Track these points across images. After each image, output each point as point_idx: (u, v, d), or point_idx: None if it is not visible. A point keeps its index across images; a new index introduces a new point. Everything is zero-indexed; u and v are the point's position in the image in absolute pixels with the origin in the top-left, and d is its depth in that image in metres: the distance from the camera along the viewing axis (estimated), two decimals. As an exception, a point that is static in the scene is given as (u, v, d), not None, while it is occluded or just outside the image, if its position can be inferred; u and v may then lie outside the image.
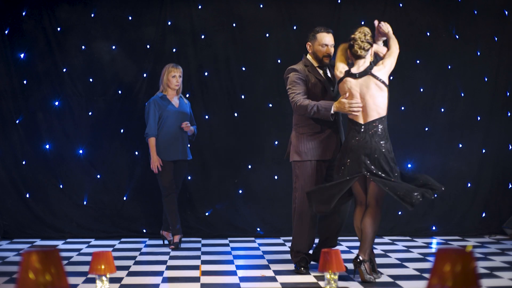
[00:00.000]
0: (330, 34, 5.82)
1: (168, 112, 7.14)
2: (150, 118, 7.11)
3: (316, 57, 5.81)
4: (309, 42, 5.85)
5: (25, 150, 7.93)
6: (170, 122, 7.12)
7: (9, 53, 7.86)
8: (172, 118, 7.14)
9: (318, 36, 5.78)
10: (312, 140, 5.69)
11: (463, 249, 2.16)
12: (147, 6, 8.04)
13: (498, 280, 5.47)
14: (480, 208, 8.19)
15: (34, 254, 2.23)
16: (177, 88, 7.22)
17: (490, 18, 8.21)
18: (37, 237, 7.86)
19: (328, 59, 5.79)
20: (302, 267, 5.74)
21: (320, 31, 5.80)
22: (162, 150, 7.12)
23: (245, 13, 8.12)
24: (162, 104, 7.15)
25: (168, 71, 7.17)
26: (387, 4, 8.16)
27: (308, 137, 5.71)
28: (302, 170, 5.71)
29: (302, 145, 5.72)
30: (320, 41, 5.77)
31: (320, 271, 3.53)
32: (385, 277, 5.55)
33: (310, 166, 5.69)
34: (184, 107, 7.28)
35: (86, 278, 5.48)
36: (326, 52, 5.77)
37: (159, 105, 7.13)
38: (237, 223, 8.05)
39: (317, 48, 5.78)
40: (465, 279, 2.11)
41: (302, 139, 5.72)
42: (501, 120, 8.24)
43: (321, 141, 5.69)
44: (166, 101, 7.18)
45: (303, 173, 5.70)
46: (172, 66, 7.20)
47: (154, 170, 7.10)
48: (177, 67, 7.19)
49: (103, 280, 3.46)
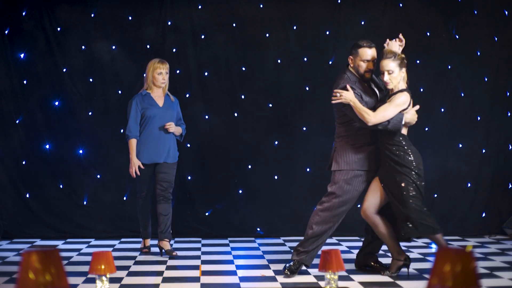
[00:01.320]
0: (372, 48, 5.62)
1: (151, 111, 6.60)
2: (131, 118, 6.59)
3: (357, 71, 5.64)
4: (351, 56, 5.65)
5: (25, 150, 7.92)
6: (153, 123, 6.60)
7: (9, 53, 7.86)
8: (155, 118, 6.61)
9: (360, 51, 5.58)
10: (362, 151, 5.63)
11: (463, 249, 2.16)
12: (147, 6, 8.04)
13: (498, 280, 5.47)
14: (480, 208, 8.19)
15: (34, 254, 2.23)
16: (163, 85, 6.70)
17: (490, 18, 8.21)
18: (37, 237, 7.86)
19: (369, 74, 5.63)
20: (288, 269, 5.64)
21: (363, 45, 5.59)
22: (144, 153, 6.61)
23: (245, 13, 8.12)
24: (145, 103, 6.62)
25: (154, 68, 6.62)
26: (387, 4, 8.16)
27: (358, 148, 5.63)
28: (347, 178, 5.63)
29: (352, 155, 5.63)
30: (362, 56, 5.59)
31: (320, 271, 3.52)
32: (385, 277, 5.55)
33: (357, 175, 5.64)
34: (170, 105, 6.74)
35: (86, 278, 5.48)
36: (368, 68, 5.60)
37: (141, 104, 6.61)
38: (237, 223, 8.05)
39: (358, 63, 5.60)
40: (465, 279, 2.11)
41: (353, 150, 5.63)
42: (501, 120, 8.24)
43: (370, 152, 5.64)
44: (150, 100, 6.65)
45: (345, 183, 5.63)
46: (158, 61, 6.64)
47: (131, 174, 6.64)
48: (164, 63, 6.65)
49: (103, 280, 3.46)
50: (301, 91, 8.14)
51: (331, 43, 8.13)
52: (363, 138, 5.65)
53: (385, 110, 5.37)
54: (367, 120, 5.37)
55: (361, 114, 5.38)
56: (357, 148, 5.64)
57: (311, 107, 8.12)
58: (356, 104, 5.41)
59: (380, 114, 5.37)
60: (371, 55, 5.60)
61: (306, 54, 8.14)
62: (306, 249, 5.67)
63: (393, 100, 5.42)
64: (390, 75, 5.43)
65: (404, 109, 5.45)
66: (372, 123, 5.38)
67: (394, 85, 5.46)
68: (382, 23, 8.11)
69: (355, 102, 5.42)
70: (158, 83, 6.64)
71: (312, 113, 8.11)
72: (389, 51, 5.48)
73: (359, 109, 5.39)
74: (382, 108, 5.40)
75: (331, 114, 8.03)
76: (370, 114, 5.37)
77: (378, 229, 5.57)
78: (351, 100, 5.43)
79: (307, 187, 8.01)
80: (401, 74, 5.46)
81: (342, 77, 5.66)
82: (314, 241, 5.67)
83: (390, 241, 5.57)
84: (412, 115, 5.51)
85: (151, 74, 6.63)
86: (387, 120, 5.39)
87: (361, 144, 5.65)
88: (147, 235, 6.87)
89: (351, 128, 5.65)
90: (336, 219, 5.68)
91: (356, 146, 5.65)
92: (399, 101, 5.41)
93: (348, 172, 5.63)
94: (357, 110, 5.40)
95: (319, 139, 8.05)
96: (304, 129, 8.13)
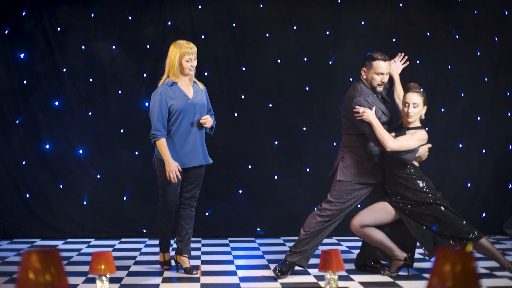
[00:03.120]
0: (387, 62, 5.55)
1: (182, 105, 5.56)
2: (157, 114, 5.50)
3: (370, 84, 5.56)
4: (364, 68, 5.56)
5: (25, 150, 7.92)
6: (185, 119, 5.58)
7: (9, 53, 7.86)
8: (187, 113, 5.59)
9: (374, 64, 5.49)
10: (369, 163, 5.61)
11: (463, 249, 2.16)
12: (147, 6, 8.04)
13: (498, 280, 5.48)
14: (480, 208, 8.19)
15: (34, 254, 2.23)
16: (192, 73, 5.68)
17: (490, 18, 8.21)
18: (37, 237, 7.86)
19: (381, 87, 5.59)
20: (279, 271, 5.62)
21: (377, 58, 5.51)
22: (180, 156, 5.60)
23: (245, 13, 8.11)
24: (172, 95, 5.58)
25: (182, 53, 5.57)
26: (387, 4, 8.16)
27: (365, 160, 5.61)
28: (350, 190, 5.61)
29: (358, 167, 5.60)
30: (376, 69, 5.50)
31: (320, 271, 3.52)
32: (385, 277, 5.55)
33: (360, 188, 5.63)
34: (201, 95, 5.72)
35: (86, 278, 5.48)
36: (381, 81, 5.54)
37: (169, 97, 5.56)
38: (237, 223, 8.05)
39: (372, 75, 5.52)
40: (465, 279, 2.11)
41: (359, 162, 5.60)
42: (501, 120, 8.24)
43: (375, 164, 5.63)
44: (178, 92, 5.61)
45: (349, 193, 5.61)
46: (186, 44, 5.60)
47: (172, 179, 5.48)
48: (192, 46, 5.64)
49: (103, 280, 3.46)
50: (301, 91, 8.14)
51: (331, 43, 8.13)
52: (372, 151, 5.62)
53: (407, 141, 5.41)
54: (386, 145, 5.34)
55: (382, 137, 5.35)
56: (365, 160, 5.61)
57: (311, 107, 8.12)
58: (378, 126, 5.37)
59: (401, 143, 5.39)
60: (385, 69, 5.53)
61: (306, 54, 8.14)
62: (300, 250, 5.62)
63: (415, 134, 5.48)
64: (415, 108, 5.48)
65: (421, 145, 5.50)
66: (391, 149, 5.36)
67: (415, 119, 5.52)
68: (382, 23, 8.12)
69: (377, 123, 5.39)
70: (186, 70, 5.61)
71: (312, 113, 8.11)
72: (415, 85, 5.54)
73: (380, 132, 5.36)
74: (405, 139, 5.42)
75: (331, 114, 8.06)
76: (390, 140, 5.35)
77: (373, 238, 5.56)
78: (373, 120, 5.39)
79: (307, 187, 8.01)
80: (423, 110, 5.53)
81: (357, 89, 5.56)
82: (307, 242, 5.63)
83: (389, 243, 5.57)
84: (425, 151, 5.56)
85: (177, 61, 5.59)
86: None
87: (369, 156, 5.62)
88: (168, 247, 5.97)
89: (362, 140, 5.60)
90: (332, 223, 5.67)
91: (363, 158, 5.61)
92: (421, 136, 5.48)
93: (354, 184, 5.61)
94: (377, 132, 5.36)
95: (319, 139, 8.05)
96: (304, 129, 8.12)
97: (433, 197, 5.51)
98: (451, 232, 5.49)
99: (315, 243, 5.66)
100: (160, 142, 5.50)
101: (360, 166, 5.60)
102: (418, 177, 5.51)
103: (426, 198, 5.49)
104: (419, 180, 5.50)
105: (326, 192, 5.75)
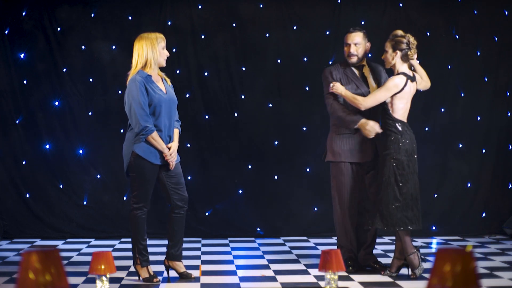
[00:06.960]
0: (353, 33, 5.74)
1: (159, 100, 5.17)
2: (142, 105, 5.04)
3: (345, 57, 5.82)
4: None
5: (25, 150, 7.92)
6: (161, 115, 5.23)
7: (9, 53, 7.86)
8: (163, 109, 5.22)
9: (345, 36, 5.80)
10: (350, 141, 5.68)
11: (463, 249, 2.16)
12: (147, 6, 8.04)
13: (498, 280, 5.48)
14: (480, 208, 8.19)
15: (34, 254, 2.23)
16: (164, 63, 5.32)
17: (490, 18, 8.21)
18: (37, 237, 7.86)
19: (353, 58, 5.74)
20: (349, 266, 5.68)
21: (348, 31, 5.79)
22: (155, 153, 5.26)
23: (245, 13, 8.11)
24: (150, 89, 5.14)
25: (158, 42, 5.17)
26: (387, 4, 8.17)
27: (345, 138, 5.69)
28: (337, 170, 5.71)
29: (337, 145, 5.70)
30: (345, 40, 5.79)
31: (320, 271, 3.52)
32: (385, 277, 5.55)
33: (345, 167, 5.68)
34: (171, 91, 5.39)
35: (86, 278, 5.48)
36: (349, 51, 5.72)
37: (146, 89, 5.12)
38: (237, 223, 8.05)
39: (344, 48, 5.80)
40: (465, 279, 2.11)
41: (339, 140, 5.70)
42: (501, 120, 8.23)
43: (358, 143, 5.67)
44: (154, 85, 5.17)
45: (338, 174, 5.70)
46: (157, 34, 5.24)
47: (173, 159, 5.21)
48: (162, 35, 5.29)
49: (103, 280, 3.46)
50: (301, 91, 8.13)
51: (331, 43, 8.13)
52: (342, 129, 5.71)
53: (376, 94, 5.53)
54: (359, 105, 5.54)
55: (352, 101, 5.59)
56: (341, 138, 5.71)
57: (311, 107, 8.12)
58: (346, 94, 5.61)
59: (371, 98, 5.53)
60: (351, 39, 5.72)
61: (306, 54, 8.14)
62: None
63: (385, 83, 5.55)
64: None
65: (396, 92, 5.46)
66: (365, 107, 5.54)
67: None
68: (382, 23, 8.11)
69: (345, 92, 5.61)
70: (163, 59, 5.23)
71: (312, 113, 8.10)
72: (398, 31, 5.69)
73: (350, 97, 5.60)
74: (374, 93, 5.57)
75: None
76: (361, 99, 5.55)
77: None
78: (342, 91, 5.62)
79: (307, 187, 8.01)
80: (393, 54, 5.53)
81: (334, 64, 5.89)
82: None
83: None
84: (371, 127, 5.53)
85: (153, 51, 5.16)
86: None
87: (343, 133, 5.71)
88: (148, 260, 5.47)
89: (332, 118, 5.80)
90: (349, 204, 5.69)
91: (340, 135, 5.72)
92: (390, 84, 5.50)
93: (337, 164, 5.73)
94: (348, 98, 5.61)
95: (319, 139, 8.04)
96: (304, 129, 8.12)
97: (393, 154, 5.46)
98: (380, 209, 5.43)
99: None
100: (150, 138, 5.16)
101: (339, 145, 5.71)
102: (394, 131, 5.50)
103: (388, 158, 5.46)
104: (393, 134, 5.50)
105: (326, 192, 5.76)
